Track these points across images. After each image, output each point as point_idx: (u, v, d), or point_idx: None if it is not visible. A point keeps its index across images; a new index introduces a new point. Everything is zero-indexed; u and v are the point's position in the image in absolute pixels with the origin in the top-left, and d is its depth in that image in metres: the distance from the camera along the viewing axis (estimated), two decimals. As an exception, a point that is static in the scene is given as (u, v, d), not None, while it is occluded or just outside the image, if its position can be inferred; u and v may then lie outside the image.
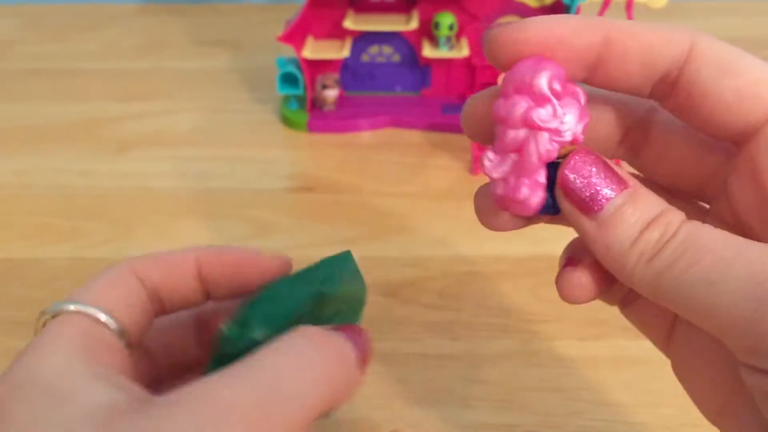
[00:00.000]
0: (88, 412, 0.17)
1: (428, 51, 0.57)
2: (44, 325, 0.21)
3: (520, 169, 0.19)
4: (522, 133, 0.19)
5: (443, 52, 0.57)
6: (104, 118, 0.60)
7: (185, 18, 0.81)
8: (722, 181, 0.21)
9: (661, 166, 0.22)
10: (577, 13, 0.54)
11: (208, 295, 0.25)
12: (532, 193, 0.19)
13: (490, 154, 0.20)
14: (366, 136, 0.58)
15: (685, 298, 0.18)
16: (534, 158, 0.19)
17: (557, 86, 0.19)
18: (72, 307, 0.21)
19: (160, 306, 0.24)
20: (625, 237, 0.19)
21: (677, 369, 0.22)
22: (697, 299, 0.18)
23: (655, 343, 0.23)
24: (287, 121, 0.59)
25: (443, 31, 0.57)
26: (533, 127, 0.19)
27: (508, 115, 0.19)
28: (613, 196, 0.19)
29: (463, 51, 0.57)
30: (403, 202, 0.49)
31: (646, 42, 0.19)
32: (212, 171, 0.53)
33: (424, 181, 0.52)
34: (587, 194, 0.19)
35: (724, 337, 0.18)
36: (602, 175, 0.19)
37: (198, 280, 0.24)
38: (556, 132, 0.19)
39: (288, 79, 0.58)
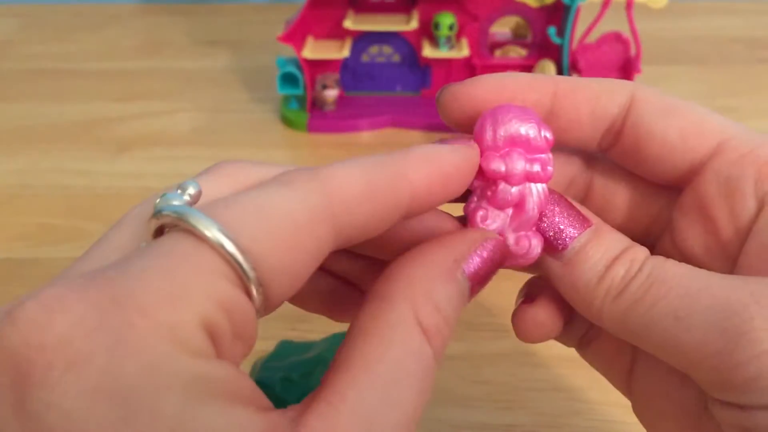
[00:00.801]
0: None
1: (428, 51, 0.57)
2: (156, 234, 0.15)
3: (519, 223, 0.19)
4: (521, 186, 0.19)
5: (443, 53, 0.57)
6: (104, 118, 0.60)
7: (185, 18, 0.81)
8: (665, 223, 0.21)
9: (604, 213, 0.22)
10: (576, 14, 0.54)
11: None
12: (536, 244, 0.19)
13: (485, 210, 0.19)
14: (366, 136, 0.58)
15: (652, 334, 0.18)
16: (535, 210, 0.19)
17: (547, 134, 0.19)
18: (209, 234, 0.14)
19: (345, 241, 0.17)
20: (591, 274, 0.19)
21: (638, 410, 0.22)
22: (664, 335, 0.17)
23: (614, 384, 0.23)
24: (287, 121, 0.59)
25: (443, 32, 0.57)
26: (535, 180, 0.19)
27: (510, 171, 0.19)
28: (576, 234, 0.19)
29: (463, 51, 0.57)
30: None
31: (593, 92, 0.20)
32: (212, 171, 0.53)
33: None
34: (551, 234, 0.19)
35: (694, 372, 0.17)
36: (565, 214, 0.20)
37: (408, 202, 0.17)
38: (550, 178, 0.19)
39: (288, 79, 0.58)
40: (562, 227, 0.19)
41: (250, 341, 0.15)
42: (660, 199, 0.21)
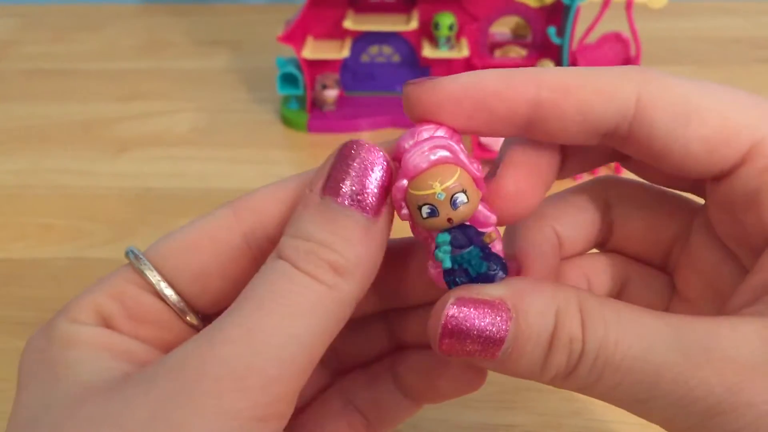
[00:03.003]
0: (69, 391, 0.17)
1: (428, 51, 0.57)
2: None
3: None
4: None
5: (443, 53, 0.57)
6: (104, 119, 0.60)
7: (185, 18, 0.81)
8: (683, 244, 0.21)
9: (624, 244, 0.22)
10: (576, 14, 0.54)
11: None
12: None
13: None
14: (366, 136, 0.58)
15: (617, 404, 0.17)
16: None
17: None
18: (140, 266, 0.19)
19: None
20: (532, 366, 0.17)
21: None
22: (630, 410, 0.17)
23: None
24: (287, 122, 0.59)
25: (443, 32, 0.57)
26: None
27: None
28: (504, 334, 0.17)
29: (463, 51, 0.57)
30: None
31: (583, 101, 0.17)
32: (212, 171, 0.53)
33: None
34: (477, 348, 0.17)
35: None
36: (481, 315, 0.17)
37: None
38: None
39: (288, 80, 0.58)
40: (485, 333, 0.17)
41: (152, 323, 0.19)
42: (677, 220, 0.21)
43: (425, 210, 0.18)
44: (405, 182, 0.18)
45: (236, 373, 0.16)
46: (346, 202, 0.17)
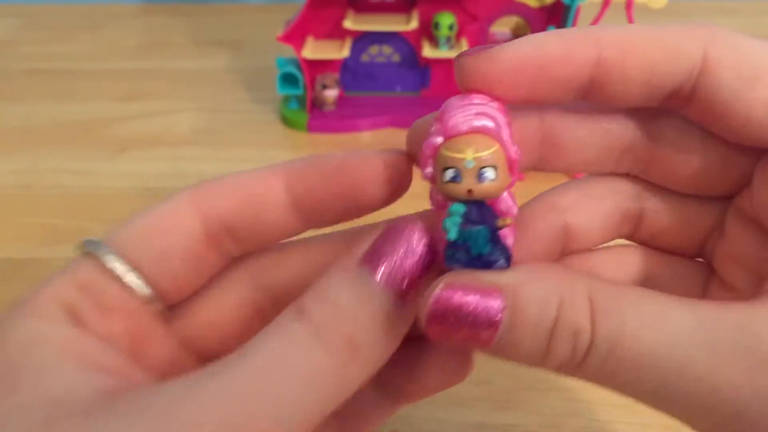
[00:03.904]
0: (33, 405, 0.15)
1: (428, 51, 0.57)
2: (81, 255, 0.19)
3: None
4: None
5: (443, 52, 0.57)
6: (104, 119, 0.60)
7: (185, 18, 0.81)
8: (719, 233, 0.20)
9: (654, 234, 0.20)
10: (576, 14, 0.54)
11: (306, 223, 0.21)
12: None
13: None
14: (366, 136, 0.58)
15: (636, 399, 0.16)
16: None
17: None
18: (98, 253, 0.18)
19: (237, 245, 0.20)
20: (532, 355, 0.16)
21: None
22: (651, 405, 0.16)
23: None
24: (287, 122, 0.59)
25: (443, 31, 0.57)
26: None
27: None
28: (496, 320, 0.16)
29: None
30: (403, 202, 0.49)
31: (648, 59, 0.16)
32: (212, 171, 0.53)
33: (425, 181, 0.52)
34: (468, 334, 0.16)
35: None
36: (470, 300, 0.16)
37: (290, 207, 0.20)
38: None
39: (288, 80, 0.58)
40: (477, 318, 0.16)
41: (120, 314, 0.18)
42: (711, 210, 0.20)
43: (449, 173, 0.17)
44: (439, 140, 0.17)
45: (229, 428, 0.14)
46: (382, 282, 0.16)
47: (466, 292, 0.16)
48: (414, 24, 0.56)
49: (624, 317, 0.15)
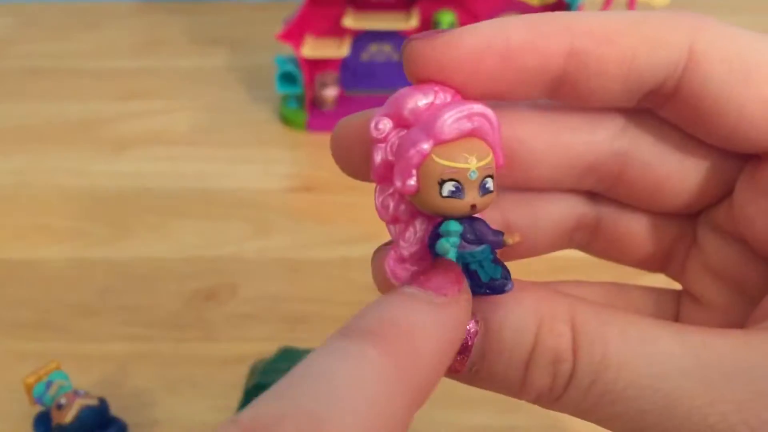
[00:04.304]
0: None
1: (428, 49, 0.57)
2: None
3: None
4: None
5: (443, 51, 0.57)
6: (103, 118, 0.60)
7: (184, 16, 0.81)
8: (688, 244, 0.18)
9: (617, 250, 0.19)
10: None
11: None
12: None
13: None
14: (366, 135, 0.57)
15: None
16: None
17: None
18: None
19: None
20: (507, 385, 0.15)
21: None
22: None
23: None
24: (286, 121, 0.58)
25: (443, 30, 0.56)
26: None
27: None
28: (469, 343, 0.14)
29: (463, 49, 0.57)
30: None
31: (628, 50, 0.14)
32: (211, 171, 0.53)
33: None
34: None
35: None
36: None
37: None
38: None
39: (287, 78, 0.57)
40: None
41: None
42: (678, 221, 0.18)
43: (449, 187, 0.14)
44: (428, 145, 0.14)
45: None
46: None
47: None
48: (414, 22, 0.56)
49: (608, 345, 0.14)
